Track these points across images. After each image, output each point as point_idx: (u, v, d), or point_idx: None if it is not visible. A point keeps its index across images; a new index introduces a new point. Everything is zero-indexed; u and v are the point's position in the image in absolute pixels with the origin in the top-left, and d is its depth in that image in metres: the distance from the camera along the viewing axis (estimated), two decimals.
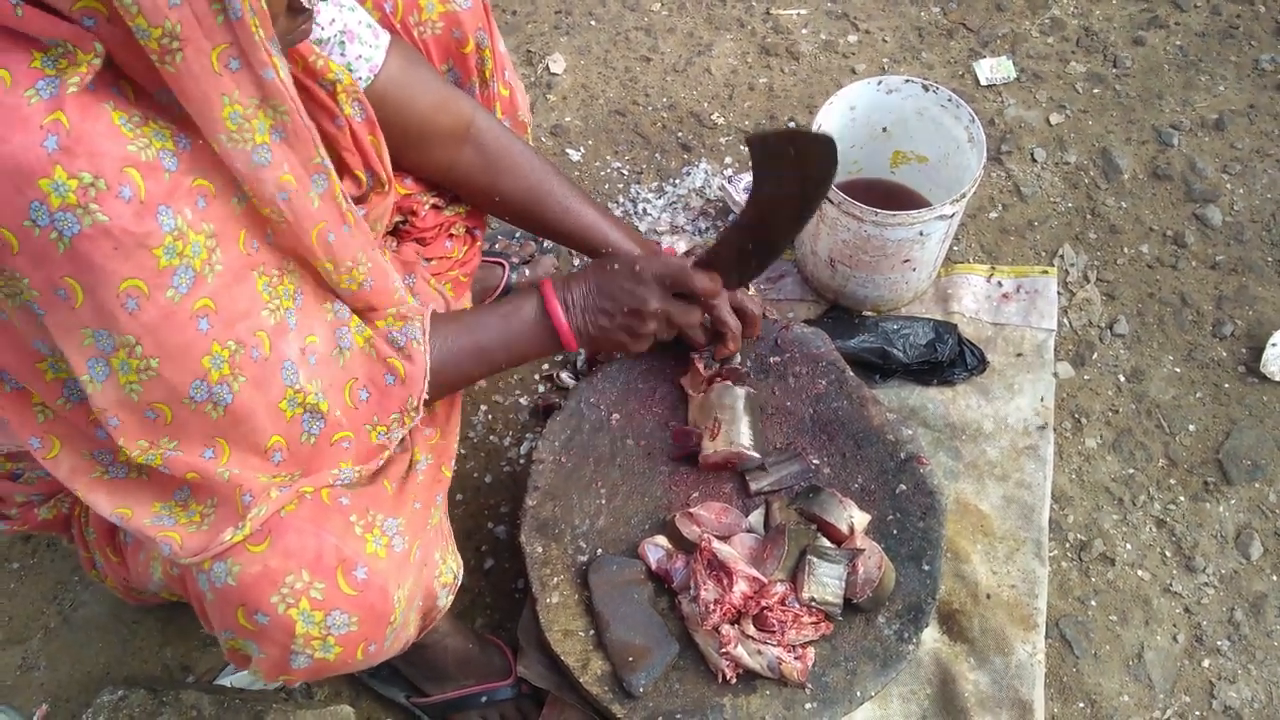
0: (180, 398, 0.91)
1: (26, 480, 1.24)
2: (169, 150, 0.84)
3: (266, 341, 0.96)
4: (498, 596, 1.67)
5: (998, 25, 2.29)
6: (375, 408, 1.10)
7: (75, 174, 0.77)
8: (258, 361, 0.95)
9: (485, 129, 1.36)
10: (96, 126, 0.79)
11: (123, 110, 0.81)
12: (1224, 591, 1.62)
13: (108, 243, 0.80)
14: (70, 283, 0.81)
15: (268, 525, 1.01)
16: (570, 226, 1.43)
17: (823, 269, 1.80)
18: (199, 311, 0.88)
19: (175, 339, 0.88)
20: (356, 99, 1.09)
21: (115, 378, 0.88)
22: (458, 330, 1.20)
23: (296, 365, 0.99)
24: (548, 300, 1.23)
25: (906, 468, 1.48)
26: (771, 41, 2.28)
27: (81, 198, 0.78)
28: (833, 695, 1.32)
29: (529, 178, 1.40)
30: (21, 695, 1.60)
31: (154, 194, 0.82)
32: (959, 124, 1.71)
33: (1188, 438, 1.76)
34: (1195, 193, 2.02)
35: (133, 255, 0.82)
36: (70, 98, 0.77)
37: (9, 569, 1.72)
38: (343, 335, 1.07)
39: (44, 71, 0.77)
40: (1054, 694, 1.54)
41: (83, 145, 0.77)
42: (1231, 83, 2.17)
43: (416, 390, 1.12)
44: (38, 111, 0.76)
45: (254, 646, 1.03)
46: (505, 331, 1.23)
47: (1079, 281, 1.92)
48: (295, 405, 1.00)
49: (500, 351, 1.23)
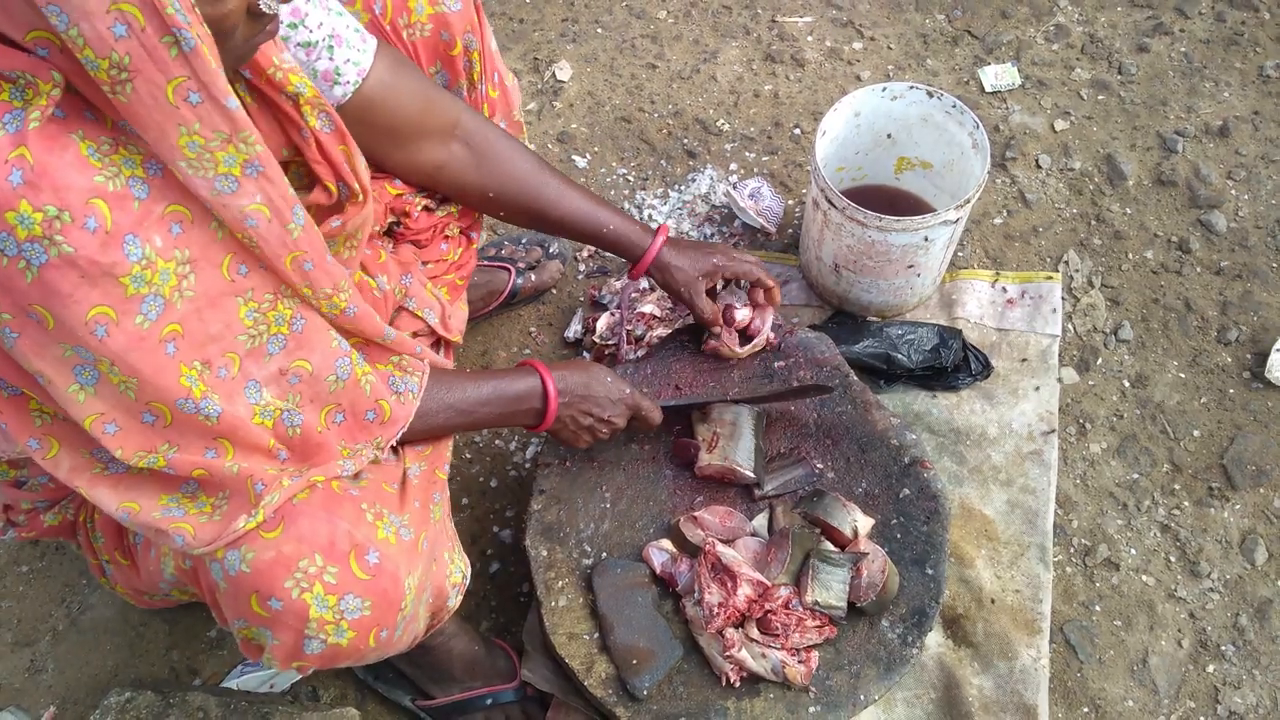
0: (172, 403, 0.92)
1: (31, 487, 1.25)
2: (139, 177, 0.85)
3: (236, 363, 0.96)
4: (503, 600, 1.67)
5: (1002, 32, 2.29)
6: (347, 432, 1.11)
7: (40, 207, 0.79)
8: (224, 380, 0.96)
9: (472, 129, 1.38)
10: (63, 159, 0.80)
11: (91, 139, 0.83)
12: (1229, 597, 1.62)
13: (74, 272, 0.82)
14: (40, 310, 0.83)
15: (281, 512, 1.02)
16: (566, 216, 1.45)
17: (827, 274, 1.81)
18: (167, 336, 0.89)
19: (146, 362, 0.88)
20: (322, 110, 1.08)
21: (107, 378, 0.89)
22: (450, 386, 1.26)
23: (264, 384, 1.00)
24: (546, 381, 1.32)
25: (910, 472, 1.48)
26: (777, 49, 2.29)
27: (46, 229, 0.79)
28: (836, 699, 1.32)
29: (518, 171, 1.41)
30: (30, 697, 1.61)
31: (120, 224, 0.83)
32: (963, 130, 1.72)
33: (1192, 443, 1.76)
34: (1200, 199, 2.02)
35: (99, 284, 0.83)
36: (33, 132, 0.78)
37: (17, 572, 1.73)
38: (342, 365, 1.07)
39: (11, 104, 0.79)
40: (1058, 699, 1.54)
41: (47, 179, 0.79)
42: (1236, 89, 2.18)
43: (389, 434, 1.16)
44: (3, 146, 0.78)
45: (268, 634, 1.04)
46: (496, 397, 1.30)
47: (1083, 287, 1.92)
48: (268, 415, 1.01)
49: (484, 414, 1.30)
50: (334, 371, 1.06)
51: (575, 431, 1.38)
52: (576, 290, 1.98)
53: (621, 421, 1.40)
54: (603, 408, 1.37)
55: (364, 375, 1.10)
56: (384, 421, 1.14)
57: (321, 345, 1.05)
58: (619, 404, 1.39)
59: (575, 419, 1.36)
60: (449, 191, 1.42)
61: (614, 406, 1.38)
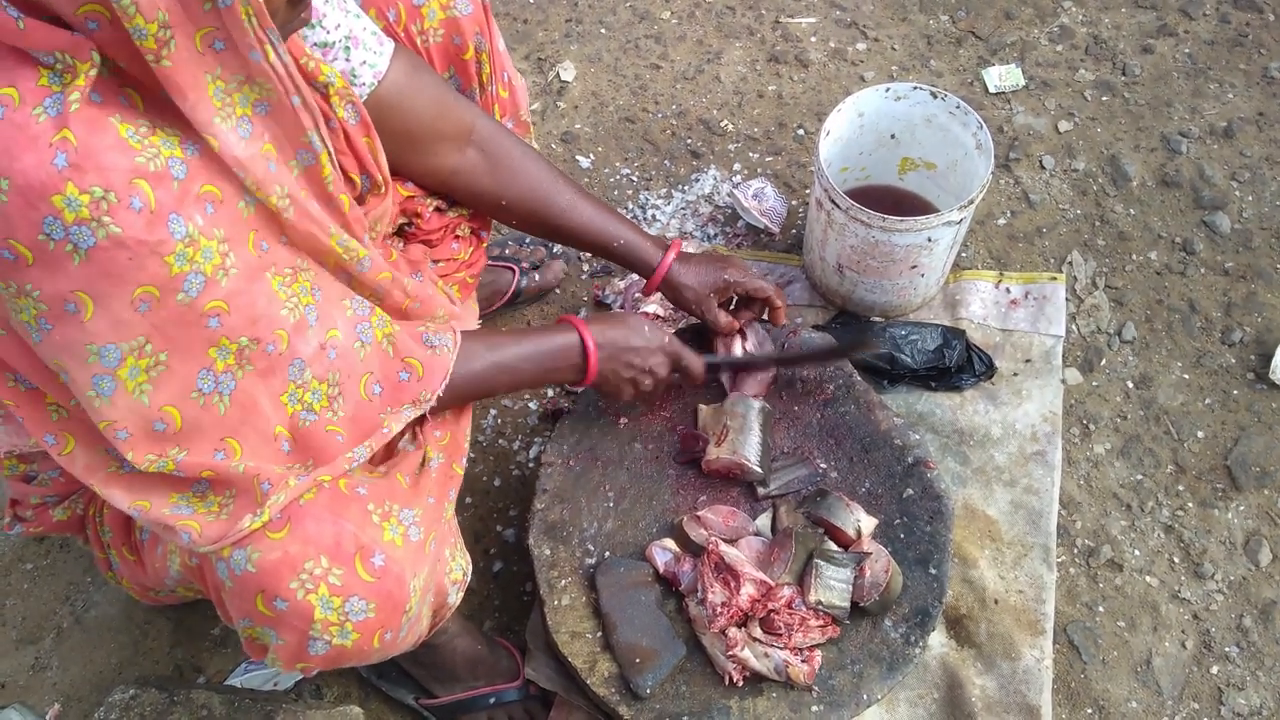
0: (188, 392, 0.93)
1: (40, 482, 1.25)
2: (177, 158, 0.86)
3: (285, 338, 0.98)
4: (506, 599, 1.68)
5: (1006, 33, 2.29)
6: (388, 400, 1.12)
7: (86, 189, 0.79)
8: (270, 355, 0.97)
9: (488, 134, 1.38)
10: (104, 140, 0.81)
11: (129, 122, 0.83)
12: (1233, 598, 1.62)
13: (122, 253, 0.82)
14: (81, 296, 0.83)
15: (287, 513, 1.02)
16: (577, 227, 1.44)
17: (831, 275, 1.81)
18: (210, 311, 0.90)
19: (184, 334, 0.90)
20: (350, 101, 1.10)
21: (123, 387, 0.89)
22: (491, 342, 1.26)
23: (308, 362, 1.01)
24: (584, 335, 1.32)
25: (914, 472, 1.48)
26: (781, 49, 2.29)
27: (94, 211, 0.80)
28: (839, 698, 1.32)
29: (532, 179, 1.41)
30: (34, 695, 1.62)
31: (164, 203, 0.84)
32: (967, 131, 1.72)
33: (1196, 444, 1.76)
34: (1204, 200, 2.02)
35: (146, 263, 0.84)
36: (75, 114, 0.79)
37: (22, 570, 1.74)
38: (363, 330, 1.08)
39: (50, 88, 0.79)
40: (1061, 700, 1.54)
41: (91, 160, 0.79)
42: (1240, 90, 2.17)
43: (432, 385, 1.15)
44: (46, 129, 0.78)
45: (272, 634, 1.04)
46: (536, 353, 1.29)
47: (1087, 288, 1.92)
48: (295, 401, 1.02)
49: (525, 370, 1.29)
50: (358, 338, 1.07)
51: (618, 384, 1.37)
52: (580, 290, 1.98)
53: (664, 371, 1.39)
54: (644, 357, 1.36)
55: (385, 336, 1.11)
56: (420, 377, 1.14)
57: (340, 313, 1.06)
58: (660, 353, 1.38)
59: (617, 371, 1.36)
60: (462, 197, 1.42)
61: (655, 355, 1.37)
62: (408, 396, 1.13)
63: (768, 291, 1.51)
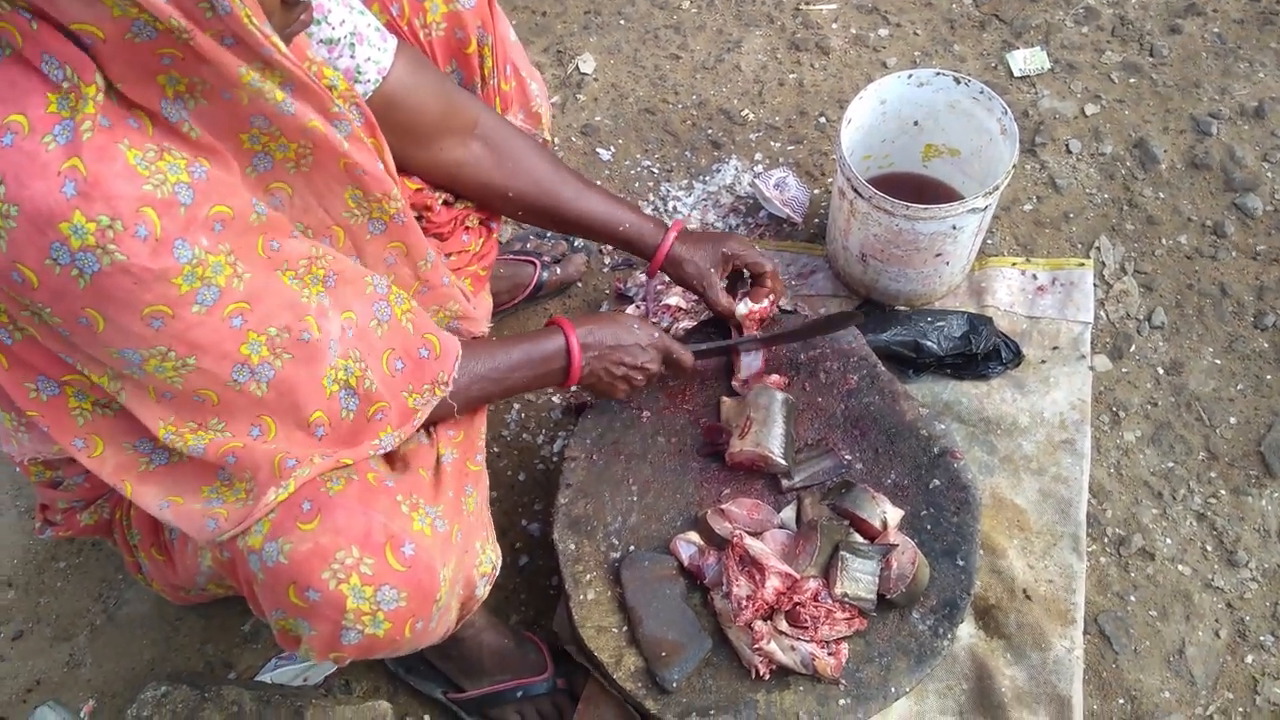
0: (223, 383, 0.95)
1: (67, 487, 1.27)
2: (184, 183, 0.87)
3: (315, 324, 1.00)
4: (532, 593, 1.68)
5: (1031, 16, 2.26)
6: (411, 377, 1.14)
7: (93, 217, 0.80)
8: (307, 342, 0.99)
9: (491, 127, 1.39)
10: (113, 168, 0.82)
11: (138, 147, 0.84)
12: (1267, 586, 1.59)
13: (127, 279, 0.84)
14: (92, 313, 0.85)
15: (317, 504, 1.03)
16: (583, 215, 1.46)
17: (854, 264, 1.80)
18: (231, 313, 0.92)
19: (208, 338, 0.91)
20: (353, 103, 1.11)
21: (153, 378, 0.92)
22: (479, 357, 1.27)
23: (337, 342, 1.03)
24: (569, 337, 1.33)
25: (940, 462, 1.47)
26: (801, 37, 2.27)
27: (100, 239, 0.81)
28: (867, 691, 1.31)
29: (536, 171, 1.43)
30: (69, 691, 1.64)
31: (169, 230, 0.85)
32: (991, 116, 1.70)
33: (1229, 430, 1.73)
34: (1235, 182, 1.98)
35: (152, 287, 0.85)
36: (86, 144, 0.80)
37: (56, 568, 1.76)
38: (380, 309, 1.11)
39: (60, 115, 0.80)
40: (1093, 690, 1.52)
41: (99, 189, 0.81)
42: (1271, 69, 2.13)
43: (447, 366, 1.18)
44: (55, 158, 0.79)
45: (305, 624, 1.05)
46: (526, 359, 1.31)
47: (1116, 273, 1.89)
48: (334, 382, 1.03)
49: (517, 379, 1.31)
50: (374, 316, 1.09)
51: (609, 383, 1.40)
52: (602, 283, 1.98)
53: (655, 366, 1.42)
54: (634, 355, 1.38)
55: (403, 313, 1.14)
56: (437, 355, 1.17)
57: (357, 293, 1.08)
58: (649, 349, 1.40)
59: (608, 370, 1.38)
60: (469, 191, 1.43)
61: (645, 353, 1.39)
62: (429, 375, 1.15)
63: (765, 267, 1.52)
